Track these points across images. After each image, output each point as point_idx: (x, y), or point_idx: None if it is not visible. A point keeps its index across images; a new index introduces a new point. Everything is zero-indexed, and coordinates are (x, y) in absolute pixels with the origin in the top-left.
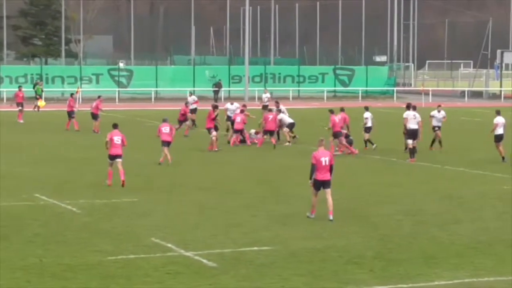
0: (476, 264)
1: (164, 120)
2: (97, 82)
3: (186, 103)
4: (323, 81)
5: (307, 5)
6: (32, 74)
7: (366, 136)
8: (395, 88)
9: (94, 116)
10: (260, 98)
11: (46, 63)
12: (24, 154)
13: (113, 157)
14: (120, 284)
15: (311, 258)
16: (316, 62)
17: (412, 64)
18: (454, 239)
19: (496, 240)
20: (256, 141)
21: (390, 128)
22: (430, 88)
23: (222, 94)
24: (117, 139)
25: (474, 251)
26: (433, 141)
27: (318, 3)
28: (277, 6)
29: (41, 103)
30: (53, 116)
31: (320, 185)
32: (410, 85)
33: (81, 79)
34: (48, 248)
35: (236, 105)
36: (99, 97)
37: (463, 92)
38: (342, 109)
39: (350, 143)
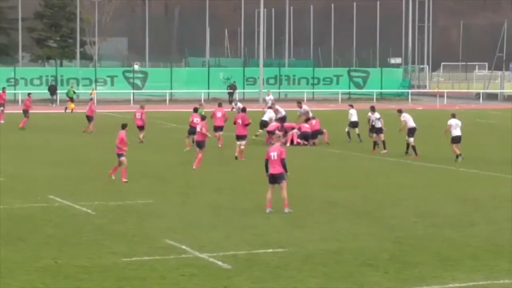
0: (492, 267)
1: (141, 107)
2: (112, 84)
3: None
4: (337, 83)
5: (321, 6)
6: (47, 76)
7: (382, 137)
8: (409, 90)
9: (89, 118)
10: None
11: (61, 65)
12: (38, 156)
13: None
14: (134, 286)
15: (325, 260)
16: (330, 64)
17: (427, 66)
18: (469, 241)
19: (511, 242)
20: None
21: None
22: (445, 90)
23: (237, 96)
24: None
25: (489, 253)
26: None
27: (332, 4)
28: (291, 7)
29: (71, 105)
30: (67, 117)
31: (272, 179)
32: (425, 87)
33: (96, 81)
34: (63, 250)
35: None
36: (91, 99)
37: (478, 94)
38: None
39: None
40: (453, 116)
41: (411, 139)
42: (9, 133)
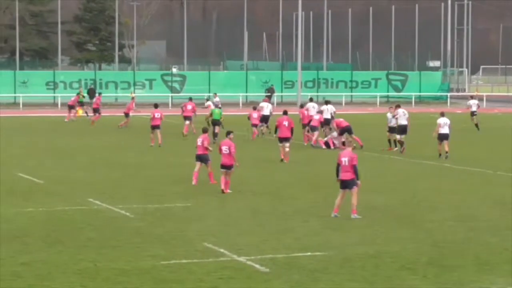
0: None
1: (156, 106)
2: (150, 87)
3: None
4: (376, 86)
5: (360, 10)
6: (86, 80)
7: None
8: (448, 94)
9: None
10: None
11: (100, 69)
12: (77, 159)
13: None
14: None
15: (364, 264)
16: (369, 67)
17: (466, 69)
18: (507, 245)
19: None
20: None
21: None
22: (484, 94)
23: (275, 99)
24: (225, 149)
25: None
26: None
27: (371, 8)
28: (329, 11)
29: (79, 111)
30: (107, 121)
31: (342, 184)
32: (464, 90)
33: (134, 84)
34: (102, 253)
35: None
36: (132, 98)
37: None
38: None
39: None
40: (442, 114)
41: (398, 136)
42: (47, 137)
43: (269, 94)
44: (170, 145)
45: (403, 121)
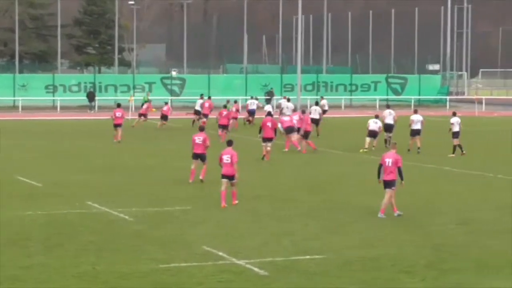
0: None
1: (118, 106)
2: (150, 90)
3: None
4: (375, 89)
5: (359, 13)
6: (85, 83)
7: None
8: (448, 97)
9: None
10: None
11: (99, 72)
12: (76, 162)
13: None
14: None
15: (363, 267)
16: (368, 70)
17: (466, 73)
18: (507, 248)
19: None
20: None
21: (442, 136)
22: (483, 97)
23: (274, 102)
24: (227, 158)
25: None
26: None
27: (370, 11)
28: (329, 14)
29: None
30: (109, 124)
31: (385, 185)
32: (463, 93)
33: (134, 87)
34: (101, 256)
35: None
36: (147, 103)
37: None
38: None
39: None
40: (415, 112)
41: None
42: (46, 140)
43: (268, 97)
44: (173, 148)
45: (389, 121)
